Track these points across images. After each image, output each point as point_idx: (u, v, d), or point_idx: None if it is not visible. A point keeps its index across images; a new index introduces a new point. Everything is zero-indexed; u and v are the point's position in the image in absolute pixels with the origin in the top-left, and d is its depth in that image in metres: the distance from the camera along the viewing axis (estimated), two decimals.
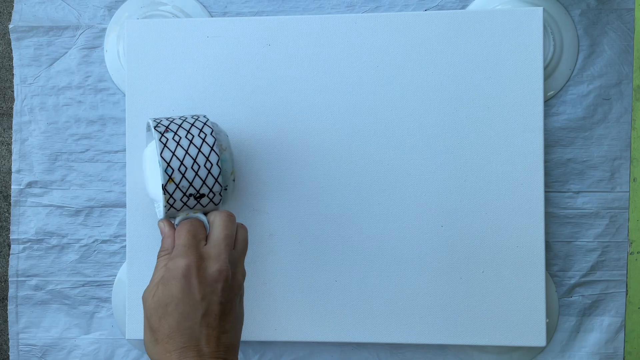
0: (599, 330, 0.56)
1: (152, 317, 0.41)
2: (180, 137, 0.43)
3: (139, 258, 0.54)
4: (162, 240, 0.45)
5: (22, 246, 0.59)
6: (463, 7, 0.57)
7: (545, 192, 0.53)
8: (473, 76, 0.52)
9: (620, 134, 0.55)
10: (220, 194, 0.44)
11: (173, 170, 0.43)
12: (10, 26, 0.59)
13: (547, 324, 0.53)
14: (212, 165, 0.43)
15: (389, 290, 0.53)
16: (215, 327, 0.40)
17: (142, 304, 0.53)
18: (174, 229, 0.45)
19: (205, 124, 0.45)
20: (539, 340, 0.52)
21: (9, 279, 0.59)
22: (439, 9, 0.57)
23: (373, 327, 0.53)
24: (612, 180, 0.55)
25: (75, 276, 0.59)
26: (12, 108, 0.61)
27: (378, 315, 0.53)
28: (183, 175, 0.43)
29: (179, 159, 0.43)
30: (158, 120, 0.45)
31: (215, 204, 0.45)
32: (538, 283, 0.52)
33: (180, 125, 0.44)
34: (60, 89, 0.59)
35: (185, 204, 0.44)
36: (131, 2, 0.59)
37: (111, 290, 0.59)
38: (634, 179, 0.55)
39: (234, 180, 0.45)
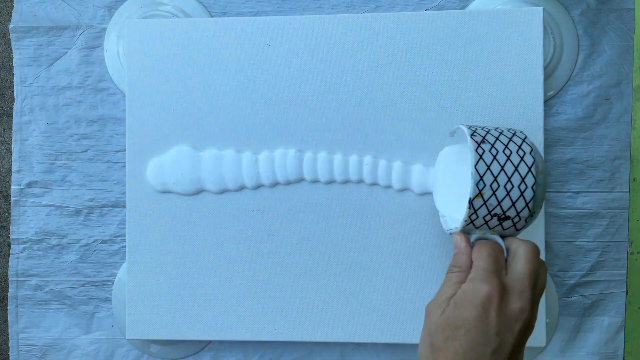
0: (599, 330, 0.56)
1: (437, 334, 0.38)
2: (498, 151, 0.40)
3: (139, 258, 0.54)
4: (456, 255, 0.41)
5: (22, 246, 0.59)
6: (463, 7, 0.57)
7: (546, 192, 0.53)
8: (473, 76, 0.52)
9: (620, 134, 0.55)
10: (526, 220, 0.40)
11: (485, 185, 0.39)
12: (10, 26, 0.59)
13: (547, 324, 0.53)
14: (526, 187, 0.39)
15: (389, 290, 0.53)
16: None
17: (144, 303, 0.54)
18: (470, 246, 0.41)
19: (524, 140, 0.41)
20: (539, 340, 0.52)
21: (9, 279, 0.59)
22: (439, 9, 0.57)
23: (373, 327, 0.53)
24: (612, 180, 0.55)
25: (75, 276, 0.59)
26: (12, 108, 0.61)
27: (378, 315, 0.53)
28: (494, 193, 0.40)
29: (493, 175, 0.39)
30: (473, 129, 0.42)
31: (517, 230, 0.41)
32: None
33: (497, 138, 0.41)
34: (60, 89, 0.59)
35: (486, 222, 0.41)
36: (131, 2, 0.59)
37: (111, 290, 0.59)
38: (634, 179, 0.55)
39: (541, 207, 0.41)
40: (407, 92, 0.53)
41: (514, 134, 0.42)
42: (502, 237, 0.41)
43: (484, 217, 0.40)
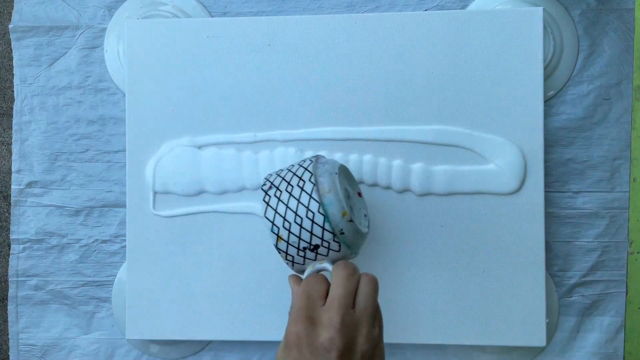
0: (599, 330, 0.56)
1: None
2: (281, 191, 0.42)
3: (139, 258, 0.54)
4: (292, 297, 0.42)
5: (22, 246, 0.59)
6: (463, 7, 0.57)
7: (545, 192, 0.53)
8: (473, 76, 0.52)
9: (620, 134, 0.55)
10: (335, 240, 0.41)
11: (278, 228, 0.41)
12: (10, 26, 0.59)
13: (547, 324, 0.53)
14: (313, 214, 0.40)
15: (389, 290, 0.53)
16: None
17: (144, 303, 0.53)
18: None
19: (306, 168, 0.42)
20: (539, 340, 0.52)
21: (9, 279, 0.59)
22: (439, 9, 0.57)
23: None
24: (612, 180, 0.55)
25: (75, 276, 0.59)
26: (12, 108, 0.60)
27: None
28: (289, 231, 0.41)
29: (282, 216, 0.41)
30: (269, 178, 0.44)
31: (340, 251, 0.42)
32: (538, 283, 0.52)
33: (283, 178, 0.43)
34: (60, 89, 0.59)
35: (305, 257, 0.42)
36: (131, 2, 0.59)
37: (111, 290, 0.58)
38: (634, 179, 0.55)
39: (350, 221, 0.41)
40: (407, 92, 0.53)
41: (300, 166, 0.43)
42: (339, 259, 0.42)
43: (297, 254, 0.41)
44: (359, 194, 0.47)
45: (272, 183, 0.43)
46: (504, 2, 0.56)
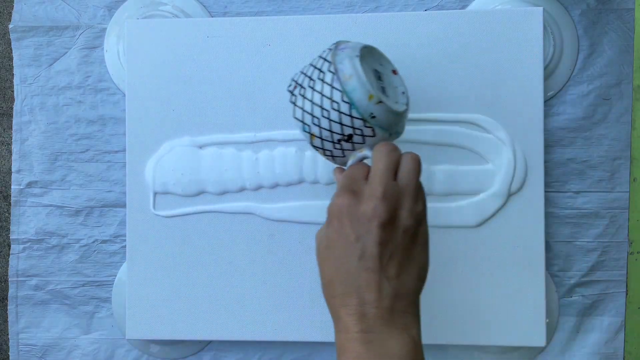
0: (599, 330, 0.56)
1: (318, 259, 0.38)
2: (305, 88, 0.41)
3: (139, 258, 0.54)
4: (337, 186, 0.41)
5: (22, 246, 0.59)
6: (463, 7, 0.57)
7: (545, 192, 0.53)
8: (473, 76, 0.52)
9: (620, 134, 0.55)
10: (366, 126, 0.39)
11: (309, 126, 0.40)
12: (10, 26, 0.59)
13: (547, 324, 0.53)
14: (338, 104, 0.39)
15: None
16: (376, 271, 0.35)
17: (144, 303, 0.54)
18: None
19: (325, 59, 0.41)
20: (539, 340, 0.52)
21: (9, 279, 0.59)
22: (439, 9, 0.57)
23: None
24: (612, 180, 0.55)
25: (75, 276, 0.59)
26: (12, 108, 0.60)
27: None
28: (320, 127, 0.40)
29: (309, 112, 0.40)
30: (294, 77, 0.43)
31: (376, 135, 0.40)
32: (538, 283, 0.52)
33: (304, 74, 0.42)
34: (60, 89, 0.59)
35: (342, 149, 0.41)
36: (131, 2, 0.59)
37: (111, 290, 0.58)
38: (634, 179, 0.55)
39: (379, 102, 0.39)
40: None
41: (320, 57, 0.42)
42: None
43: (335, 148, 0.41)
44: (394, 72, 0.45)
45: (296, 82, 0.42)
46: (504, 2, 0.56)
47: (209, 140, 0.54)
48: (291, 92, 0.42)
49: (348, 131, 0.40)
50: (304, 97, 0.41)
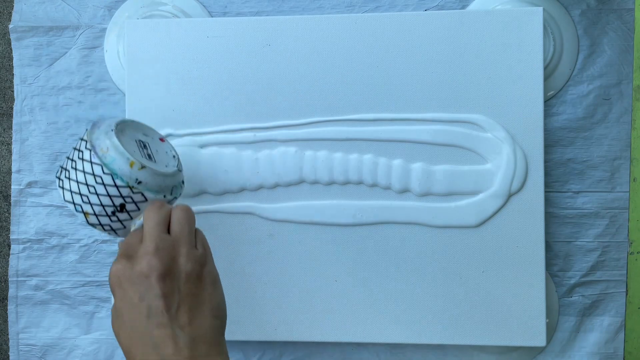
0: (599, 330, 0.56)
1: (114, 333, 0.37)
2: (69, 170, 0.41)
3: None
4: None
5: (22, 246, 0.59)
6: (463, 7, 0.57)
7: (545, 192, 0.53)
8: (473, 76, 0.52)
9: (620, 134, 0.55)
10: (134, 191, 0.40)
11: (80, 205, 0.41)
12: (10, 26, 0.59)
13: (547, 324, 0.53)
14: (101, 177, 0.40)
15: (389, 290, 0.53)
16: (167, 324, 0.35)
17: None
18: None
19: (82, 139, 0.42)
20: (539, 340, 0.52)
21: (9, 279, 0.59)
22: (439, 9, 0.57)
23: (373, 327, 0.53)
24: (612, 180, 0.55)
25: (75, 276, 0.59)
26: (12, 108, 0.60)
27: (378, 315, 0.53)
28: (90, 204, 0.40)
29: (77, 192, 0.40)
30: (61, 164, 0.43)
31: (145, 201, 0.41)
32: (538, 283, 0.52)
33: (68, 157, 0.42)
34: (60, 89, 0.59)
35: (120, 220, 0.41)
36: (131, 2, 0.59)
37: None
38: (634, 179, 0.55)
39: (143, 167, 0.40)
40: (406, 92, 0.53)
41: (80, 139, 0.42)
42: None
43: (112, 221, 0.41)
44: (162, 140, 0.46)
45: (61, 167, 0.42)
46: (504, 2, 0.56)
47: (209, 140, 0.54)
48: (58, 178, 0.42)
49: (118, 201, 0.40)
50: (69, 178, 0.41)
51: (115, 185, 0.40)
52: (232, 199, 0.54)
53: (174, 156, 0.46)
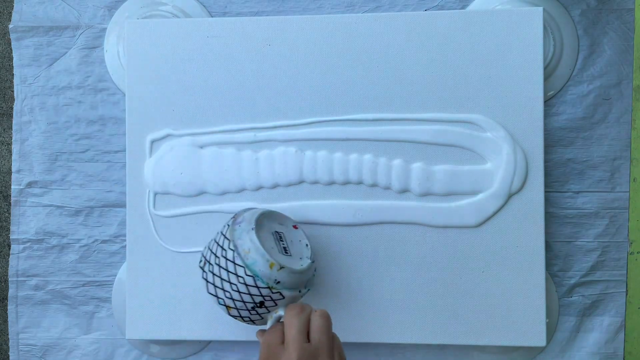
0: (599, 330, 0.56)
1: None
2: (212, 265, 0.44)
3: (139, 258, 0.54)
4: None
5: (22, 246, 0.59)
6: (463, 7, 0.57)
7: (545, 192, 0.53)
8: (473, 76, 0.52)
9: (620, 134, 0.55)
10: (273, 291, 0.43)
11: (223, 299, 0.44)
12: (10, 26, 0.59)
13: (547, 324, 0.53)
14: (243, 277, 0.43)
15: (389, 290, 0.53)
16: None
17: (144, 303, 0.53)
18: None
19: (225, 236, 0.44)
20: (539, 340, 0.52)
21: (9, 279, 0.59)
22: (439, 9, 0.57)
23: (373, 327, 0.53)
24: (612, 180, 0.55)
25: (75, 276, 0.59)
26: (12, 108, 0.61)
27: (378, 315, 0.53)
28: (233, 299, 0.43)
29: (221, 288, 0.44)
30: (203, 251, 0.46)
31: (283, 298, 0.43)
32: (538, 283, 0.52)
33: (210, 250, 0.45)
34: (60, 89, 0.59)
35: (259, 314, 0.44)
36: (131, 2, 0.59)
37: (111, 290, 0.58)
38: (634, 179, 0.55)
39: (282, 268, 0.43)
40: (406, 92, 0.53)
41: (220, 233, 0.45)
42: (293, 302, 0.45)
43: (251, 315, 0.44)
44: (295, 227, 0.49)
45: (204, 258, 0.45)
46: (504, 2, 0.56)
47: (209, 140, 0.54)
48: (202, 269, 0.45)
49: (258, 299, 0.43)
50: (212, 273, 0.44)
51: (257, 286, 0.43)
52: (232, 199, 0.54)
53: (306, 245, 0.48)
